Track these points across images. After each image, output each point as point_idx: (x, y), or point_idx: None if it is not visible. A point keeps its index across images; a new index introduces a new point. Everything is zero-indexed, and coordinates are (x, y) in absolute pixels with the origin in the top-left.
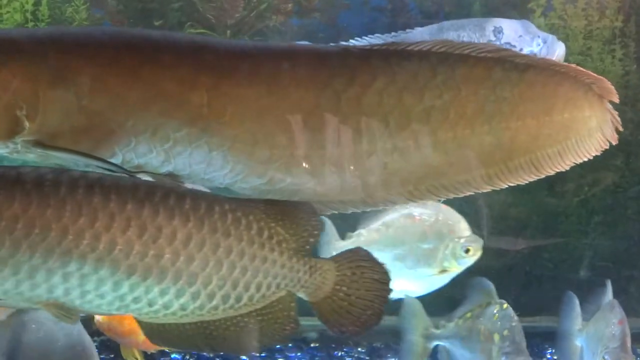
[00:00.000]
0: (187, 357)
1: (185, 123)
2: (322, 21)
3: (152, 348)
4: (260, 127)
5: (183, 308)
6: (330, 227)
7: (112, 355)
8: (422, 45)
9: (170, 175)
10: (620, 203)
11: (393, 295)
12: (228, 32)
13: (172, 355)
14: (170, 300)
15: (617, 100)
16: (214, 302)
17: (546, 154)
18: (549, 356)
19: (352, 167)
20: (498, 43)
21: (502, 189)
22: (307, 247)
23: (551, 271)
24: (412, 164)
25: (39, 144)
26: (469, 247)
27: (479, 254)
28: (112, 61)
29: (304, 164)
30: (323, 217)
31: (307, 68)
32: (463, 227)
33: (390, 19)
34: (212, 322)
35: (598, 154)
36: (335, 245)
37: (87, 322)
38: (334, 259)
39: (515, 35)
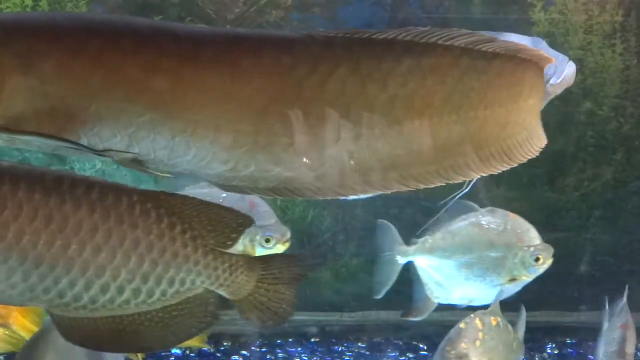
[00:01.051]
0: (187, 352)
1: (147, 108)
2: (322, 16)
3: None
4: (222, 113)
5: (93, 301)
6: (394, 232)
7: None
8: (387, 33)
9: (135, 160)
10: (620, 198)
11: (460, 303)
12: (228, 27)
13: (173, 351)
14: (79, 291)
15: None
16: (125, 296)
17: (516, 141)
18: (549, 350)
19: (315, 155)
20: None
21: (502, 184)
22: (229, 243)
23: (551, 266)
24: (379, 153)
25: (3, 129)
26: (539, 256)
27: (549, 262)
28: (75, 46)
29: (267, 151)
30: (386, 222)
31: (270, 54)
32: (532, 235)
33: (390, 14)
34: (125, 317)
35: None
36: (399, 249)
37: None
38: (263, 259)
39: None
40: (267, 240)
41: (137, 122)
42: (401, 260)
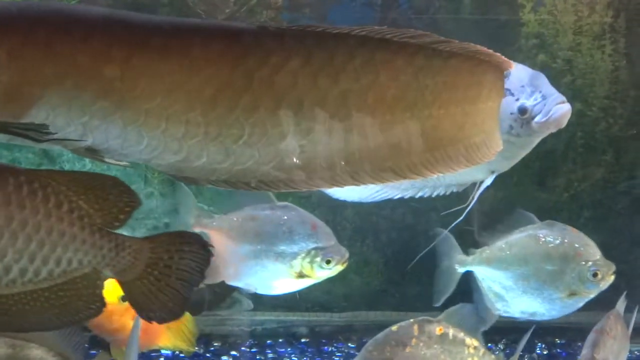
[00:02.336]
0: (178, 352)
1: (99, 96)
2: (312, 16)
3: (141, 347)
4: (172, 103)
5: None
6: (452, 242)
7: (101, 351)
8: (341, 28)
9: (90, 149)
10: (610, 198)
11: (521, 316)
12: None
13: (163, 351)
14: None
15: None
16: (11, 275)
17: (474, 142)
18: (538, 351)
19: (266, 148)
20: None
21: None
22: (117, 223)
23: None
24: (330, 149)
25: None
26: (597, 272)
27: (610, 278)
28: (25, 35)
29: (218, 142)
30: (445, 231)
31: (220, 45)
32: (591, 250)
33: (380, 14)
34: (10, 297)
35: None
36: (457, 259)
37: None
38: (150, 239)
39: (518, 84)
40: (328, 262)
41: (90, 111)
42: (460, 269)
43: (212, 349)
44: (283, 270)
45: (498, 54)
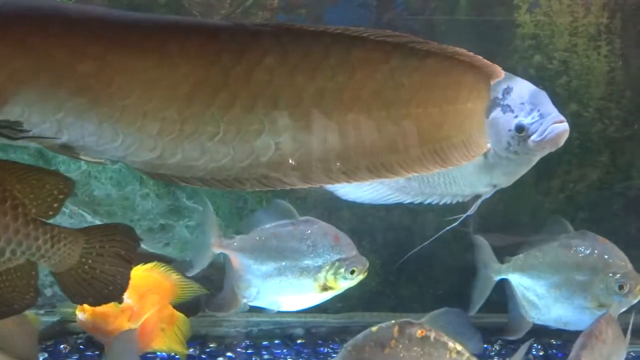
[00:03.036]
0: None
1: (74, 93)
2: (308, 17)
3: (138, 349)
4: (148, 99)
5: None
6: (488, 249)
7: (98, 352)
8: (317, 26)
9: (65, 146)
10: (606, 199)
11: (555, 325)
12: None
13: (159, 353)
14: None
15: None
16: None
17: (451, 143)
18: (534, 352)
19: (241, 146)
20: (501, 103)
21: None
22: (51, 212)
23: None
24: (306, 146)
25: None
26: (624, 284)
27: (638, 292)
28: (1, 31)
29: (193, 140)
30: (482, 238)
31: (197, 42)
32: (621, 263)
33: (376, 15)
34: None
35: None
36: (493, 267)
37: (72, 320)
38: (85, 231)
39: (518, 100)
40: (352, 272)
41: (65, 108)
42: (495, 277)
43: (208, 350)
44: (308, 285)
45: (479, 57)
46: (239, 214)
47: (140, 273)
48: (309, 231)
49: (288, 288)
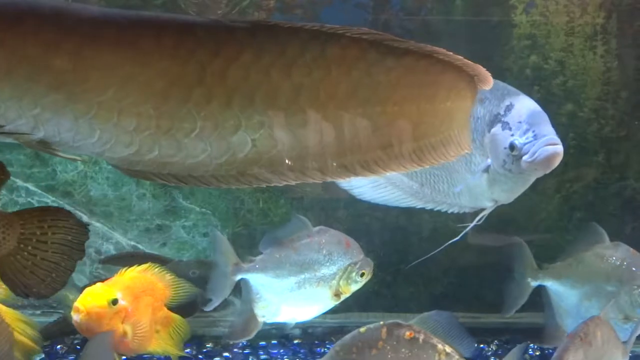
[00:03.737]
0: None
1: (50, 89)
2: (304, 18)
3: (131, 352)
4: (124, 95)
5: None
6: (527, 253)
7: None
8: (293, 23)
9: (42, 142)
10: (601, 199)
11: None
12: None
13: (156, 355)
14: None
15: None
16: None
17: (429, 143)
18: (530, 352)
19: (217, 142)
20: (502, 119)
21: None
22: None
23: None
24: (282, 143)
25: None
26: None
27: None
28: None
29: (170, 136)
30: (522, 241)
31: (172, 37)
32: None
33: (372, 16)
34: None
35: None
36: (531, 273)
37: (67, 320)
38: (19, 213)
39: (516, 119)
40: (362, 275)
41: (41, 103)
42: (532, 283)
43: (205, 350)
44: (324, 293)
45: (459, 57)
46: (235, 215)
47: (134, 274)
48: (324, 240)
49: (306, 299)
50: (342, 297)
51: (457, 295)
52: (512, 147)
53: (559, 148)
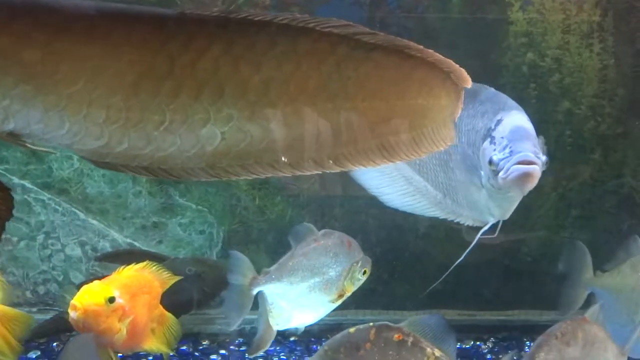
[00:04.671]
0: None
1: (20, 80)
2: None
3: (127, 350)
4: (94, 87)
5: None
6: (587, 257)
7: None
8: (264, 15)
9: (12, 134)
10: (598, 197)
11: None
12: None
13: (150, 357)
14: None
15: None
16: None
17: (400, 139)
18: (526, 349)
19: (187, 135)
20: (492, 133)
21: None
22: None
23: (530, 265)
24: (252, 136)
25: None
26: None
27: None
28: None
29: (139, 128)
30: (582, 244)
31: (142, 30)
32: None
33: (368, 13)
34: None
35: (452, 144)
36: (587, 278)
37: (63, 317)
38: None
39: (500, 134)
40: (364, 273)
41: (11, 95)
42: (586, 288)
43: (201, 347)
44: (331, 295)
45: (432, 52)
46: (232, 212)
47: (132, 273)
48: (330, 243)
49: (315, 303)
50: (345, 297)
51: (454, 292)
52: (490, 162)
53: (531, 168)
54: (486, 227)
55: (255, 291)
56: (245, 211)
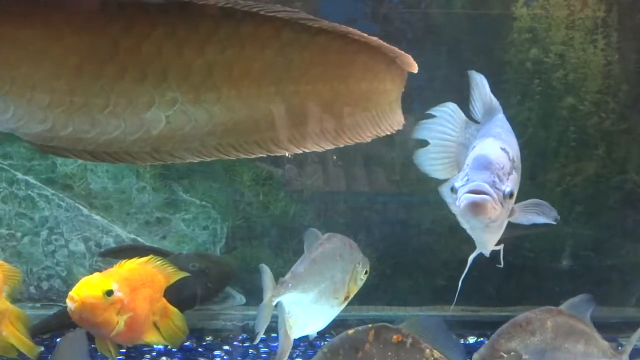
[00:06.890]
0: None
1: None
2: (304, 10)
3: (127, 342)
4: (36, 71)
5: None
6: None
7: (94, 346)
8: (207, 0)
9: None
10: (602, 193)
11: None
12: None
13: (156, 346)
14: None
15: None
16: None
17: (344, 123)
18: None
19: (131, 118)
20: (466, 160)
21: None
22: None
23: (533, 261)
24: (196, 119)
25: None
26: None
27: None
28: None
29: (84, 112)
30: None
31: (84, 13)
32: None
33: (372, 9)
34: None
35: (400, 129)
36: None
37: (66, 313)
38: None
39: (468, 161)
40: (366, 272)
41: None
42: None
43: (205, 343)
44: (339, 297)
45: (376, 38)
46: (235, 208)
47: (133, 266)
48: (335, 246)
49: (326, 307)
50: (350, 299)
51: (456, 288)
52: (452, 189)
53: (479, 198)
54: (473, 256)
55: (275, 302)
56: (249, 207)
